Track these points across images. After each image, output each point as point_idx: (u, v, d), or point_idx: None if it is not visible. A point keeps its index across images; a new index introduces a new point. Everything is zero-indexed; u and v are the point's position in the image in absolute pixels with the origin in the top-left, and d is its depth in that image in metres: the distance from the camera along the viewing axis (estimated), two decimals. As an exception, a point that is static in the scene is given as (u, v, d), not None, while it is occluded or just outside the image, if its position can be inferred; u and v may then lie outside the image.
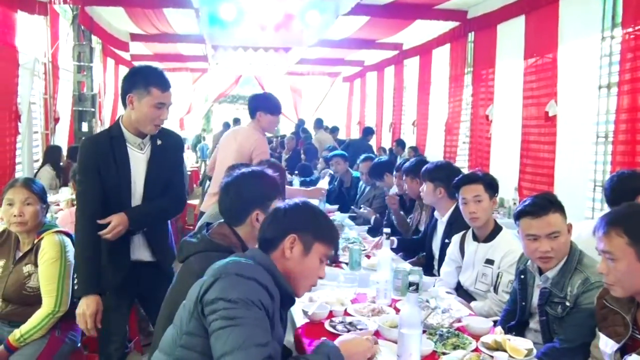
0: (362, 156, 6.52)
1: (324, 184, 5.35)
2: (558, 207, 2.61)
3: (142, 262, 2.97)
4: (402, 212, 4.97)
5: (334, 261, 3.77)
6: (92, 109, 8.50)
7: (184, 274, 2.25)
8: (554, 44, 5.84)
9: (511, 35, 6.84)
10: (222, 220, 2.41)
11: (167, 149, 2.97)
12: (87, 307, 2.72)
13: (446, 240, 3.93)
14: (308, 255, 1.99)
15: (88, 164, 2.82)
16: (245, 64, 12.63)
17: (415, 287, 2.09)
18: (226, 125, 15.46)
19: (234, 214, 2.36)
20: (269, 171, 2.50)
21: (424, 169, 4.18)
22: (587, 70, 5.45)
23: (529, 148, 6.36)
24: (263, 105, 4.48)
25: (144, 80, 2.82)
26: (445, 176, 4.03)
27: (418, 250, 4.52)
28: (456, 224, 3.91)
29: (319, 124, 12.80)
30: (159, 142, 2.94)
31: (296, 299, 2.04)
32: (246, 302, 1.73)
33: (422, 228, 4.64)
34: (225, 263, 1.86)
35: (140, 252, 2.98)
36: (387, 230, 3.11)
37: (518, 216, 2.66)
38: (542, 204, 2.60)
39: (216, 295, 1.74)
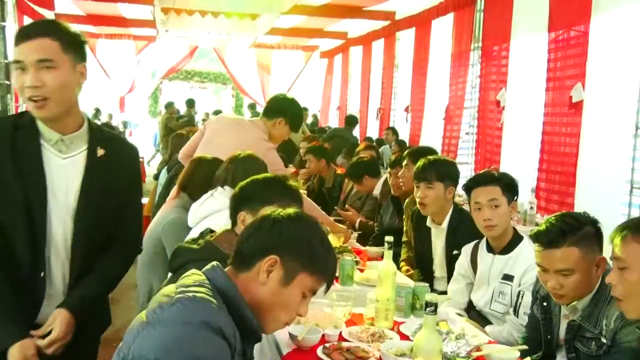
0: (362, 145, 6.54)
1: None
2: (578, 240, 2.53)
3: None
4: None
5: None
6: (6, 82, 8.20)
7: None
8: (586, 14, 5.83)
9: (532, 3, 6.84)
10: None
11: (113, 164, 2.42)
12: None
13: (455, 252, 3.94)
14: (288, 285, 1.87)
15: None
16: (203, 33, 12.54)
17: (433, 308, 2.06)
18: (168, 107, 15.32)
19: (230, 214, 2.48)
20: (280, 175, 2.56)
21: (425, 166, 4.11)
22: (627, 46, 5.45)
23: (549, 141, 6.41)
24: (291, 114, 4.46)
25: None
26: (455, 173, 4.08)
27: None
28: (460, 229, 3.96)
29: None
30: (100, 151, 2.39)
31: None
32: None
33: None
34: (170, 302, 1.71)
35: (51, 306, 2.37)
36: (389, 238, 3.09)
37: (531, 240, 2.69)
38: (554, 235, 2.56)
39: (154, 355, 1.60)
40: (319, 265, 1.90)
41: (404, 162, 4.82)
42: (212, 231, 2.47)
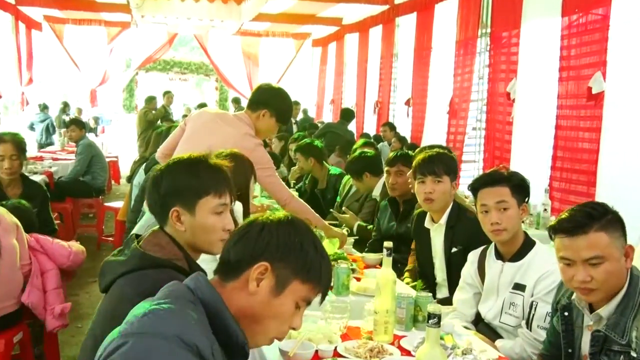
0: (361, 141, 6.53)
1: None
2: (605, 224, 2.55)
3: None
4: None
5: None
6: None
7: (112, 304, 2.17)
8: (606, -6, 5.85)
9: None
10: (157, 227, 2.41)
11: None
12: None
13: (453, 249, 4.02)
14: (280, 295, 1.87)
15: None
16: (183, 19, 12.53)
17: (436, 320, 2.06)
18: (149, 102, 15.26)
19: (156, 212, 2.42)
20: (211, 160, 2.47)
21: (432, 159, 4.15)
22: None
23: (564, 137, 6.42)
24: (277, 104, 4.46)
25: None
26: (457, 168, 4.20)
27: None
28: (459, 226, 4.03)
29: None
30: None
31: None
32: None
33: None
34: (142, 313, 1.71)
35: None
36: (387, 244, 3.08)
37: (552, 232, 2.67)
38: (580, 219, 2.56)
39: None
40: (313, 272, 1.90)
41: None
42: (137, 236, 2.39)
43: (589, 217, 2.54)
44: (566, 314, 2.83)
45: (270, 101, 4.45)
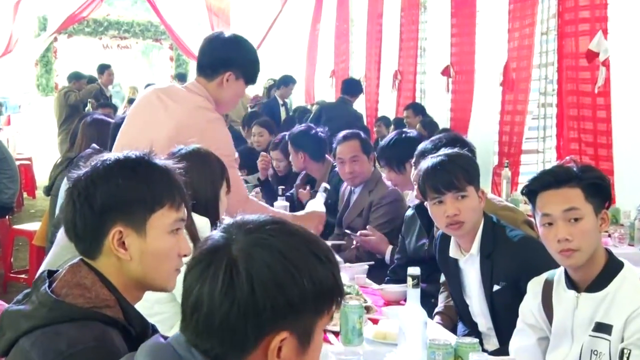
0: (342, 133, 6.45)
1: (317, 204, 5.12)
2: None
3: None
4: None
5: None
6: None
7: None
8: None
9: None
10: (77, 258, 2.35)
11: None
12: None
13: (495, 287, 3.99)
14: (309, 347, 1.87)
15: None
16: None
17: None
18: (74, 79, 15.19)
19: (86, 236, 2.33)
20: (158, 160, 2.43)
21: (446, 167, 4.04)
22: None
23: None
24: (242, 59, 4.49)
25: None
26: (477, 166, 4.20)
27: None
28: (499, 254, 3.98)
29: None
30: None
31: None
32: None
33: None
34: None
35: None
36: (413, 270, 3.12)
37: None
38: None
39: None
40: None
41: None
42: (52, 273, 2.32)
43: None
44: None
45: (233, 56, 4.47)
